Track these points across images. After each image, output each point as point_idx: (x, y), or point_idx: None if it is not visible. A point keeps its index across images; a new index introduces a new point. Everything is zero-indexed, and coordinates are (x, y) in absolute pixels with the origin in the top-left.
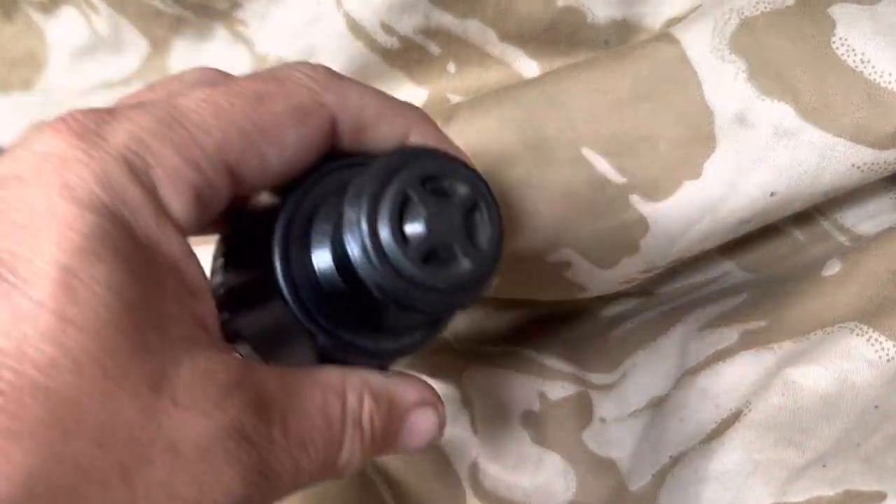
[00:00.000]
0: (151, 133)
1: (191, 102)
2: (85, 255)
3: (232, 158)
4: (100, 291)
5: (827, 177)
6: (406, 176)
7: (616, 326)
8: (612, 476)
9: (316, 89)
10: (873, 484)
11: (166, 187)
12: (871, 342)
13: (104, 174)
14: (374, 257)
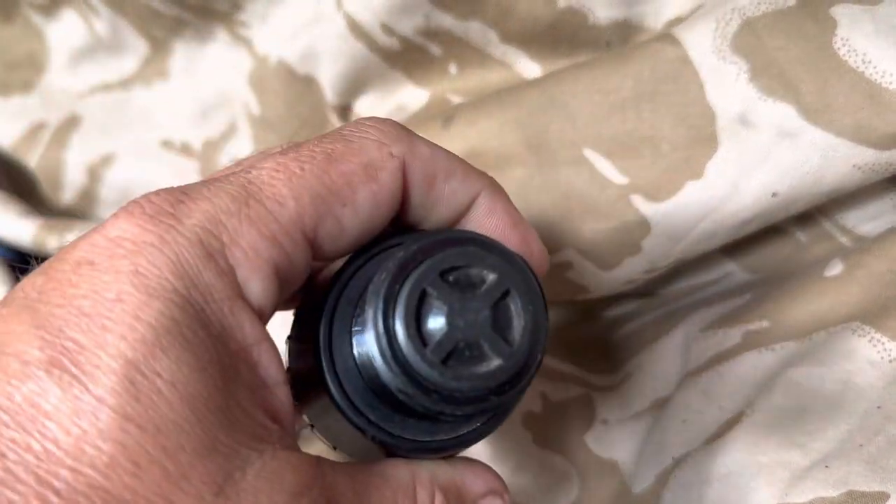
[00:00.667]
0: (227, 212)
1: (263, 174)
2: (150, 348)
3: (308, 227)
4: (164, 388)
5: (829, 177)
6: (425, 268)
7: (618, 327)
8: (615, 478)
9: (384, 141)
10: (876, 485)
11: (244, 268)
12: (873, 343)
13: (178, 259)
14: (391, 360)
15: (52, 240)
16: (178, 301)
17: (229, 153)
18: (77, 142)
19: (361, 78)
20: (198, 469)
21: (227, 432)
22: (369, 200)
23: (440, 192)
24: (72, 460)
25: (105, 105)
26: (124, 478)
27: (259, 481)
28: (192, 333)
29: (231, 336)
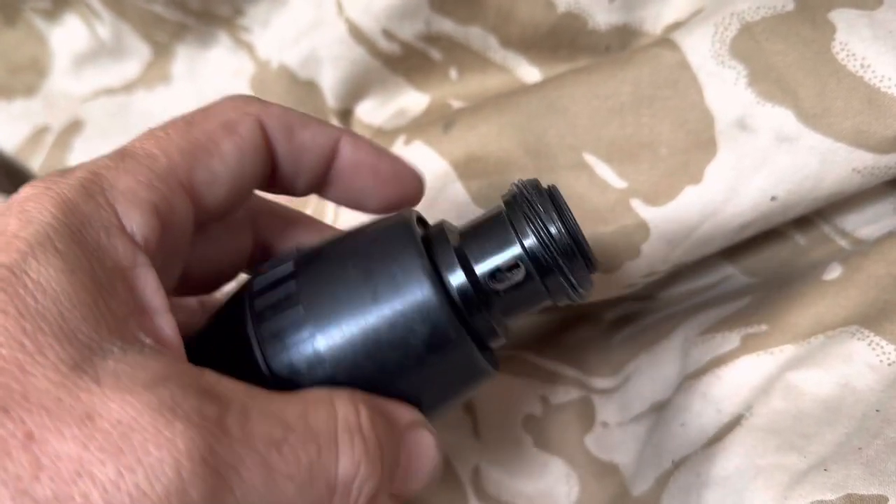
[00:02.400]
0: (105, 167)
1: (135, 142)
2: (22, 255)
3: (183, 177)
4: (29, 283)
5: (828, 181)
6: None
7: (618, 331)
8: (615, 480)
9: (239, 104)
10: (875, 488)
11: (122, 204)
12: (872, 346)
13: (59, 197)
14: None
15: None
16: (54, 223)
17: None
18: (80, 146)
19: (362, 83)
20: (55, 348)
21: (90, 325)
22: (234, 150)
23: (301, 139)
24: None
25: (108, 109)
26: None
27: (119, 365)
28: (63, 246)
29: (106, 255)
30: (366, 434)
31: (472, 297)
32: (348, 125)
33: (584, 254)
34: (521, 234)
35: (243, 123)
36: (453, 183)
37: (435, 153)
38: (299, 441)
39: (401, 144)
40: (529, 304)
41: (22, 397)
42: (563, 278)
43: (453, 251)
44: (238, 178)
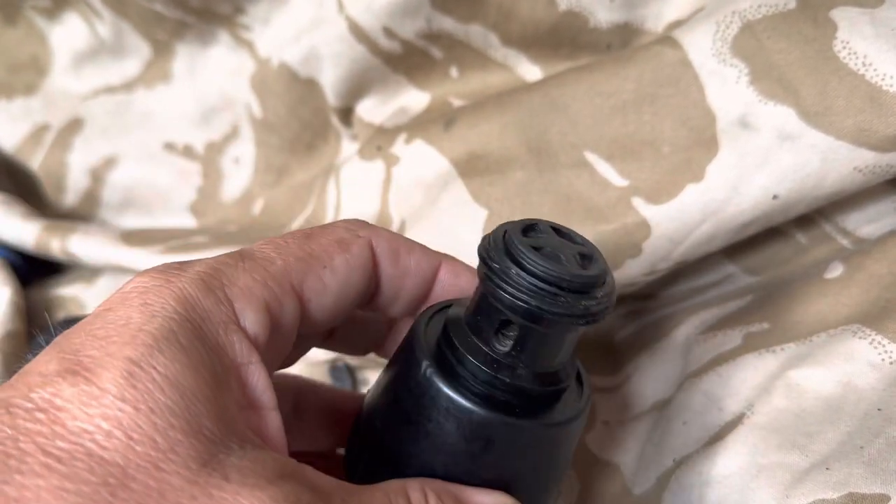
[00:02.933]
0: (224, 264)
1: (255, 246)
2: (149, 349)
3: (294, 279)
4: (158, 378)
5: (829, 180)
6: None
7: (619, 329)
8: (616, 479)
9: (352, 227)
10: (877, 487)
11: (240, 301)
12: (873, 345)
13: (180, 292)
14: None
15: (55, 242)
16: (178, 318)
17: (231, 155)
18: (80, 144)
19: (363, 81)
20: (184, 445)
21: (213, 422)
22: (344, 265)
23: (406, 262)
24: (74, 437)
25: (108, 107)
26: (118, 448)
27: (243, 462)
28: (187, 342)
29: (224, 352)
30: None
31: (499, 380)
32: (349, 123)
33: (570, 284)
34: (495, 297)
35: (356, 243)
36: (454, 181)
37: (436, 151)
38: None
39: (401, 143)
40: (562, 343)
41: (159, 495)
42: (561, 318)
43: (452, 339)
44: (344, 292)
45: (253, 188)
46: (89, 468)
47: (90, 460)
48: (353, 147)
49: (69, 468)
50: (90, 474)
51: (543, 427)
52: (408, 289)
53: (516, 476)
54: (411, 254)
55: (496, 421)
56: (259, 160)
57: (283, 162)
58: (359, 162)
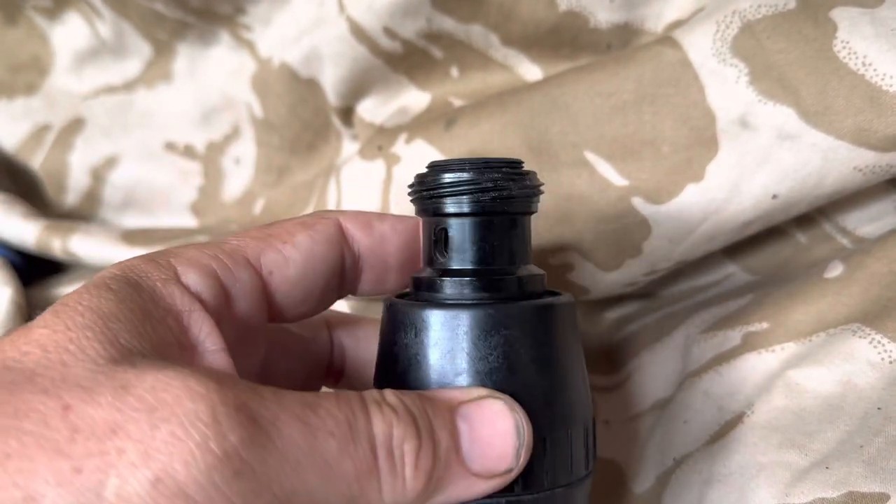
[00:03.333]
0: (178, 247)
1: (212, 236)
2: (77, 293)
3: (250, 253)
4: (80, 309)
5: (829, 179)
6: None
7: (619, 329)
8: (616, 478)
9: (318, 213)
10: (876, 486)
11: (182, 264)
12: (873, 344)
13: (125, 263)
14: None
15: (56, 241)
16: (109, 275)
17: (232, 155)
18: (81, 144)
19: (364, 81)
20: (95, 348)
21: (133, 336)
22: (307, 239)
23: (380, 228)
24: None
25: (108, 107)
26: (32, 359)
27: (157, 361)
28: (116, 286)
29: (160, 297)
30: (391, 401)
31: (424, 283)
32: (350, 123)
33: (487, 165)
34: (429, 210)
35: (320, 223)
36: None
37: (436, 151)
38: (333, 404)
39: (402, 142)
40: (511, 234)
41: (61, 381)
42: (486, 194)
43: (415, 276)
44: (310, 263)
45: (254, 188)
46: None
47: (4, 371)
48: (354, 147)
49: None
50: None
51: (519, 309)
52: (392, 254)
53: (515, 374)
54: (384, 220)
55: (431, 312)
56: (260, 160)
57: (283, 162)
58: (359, 162)
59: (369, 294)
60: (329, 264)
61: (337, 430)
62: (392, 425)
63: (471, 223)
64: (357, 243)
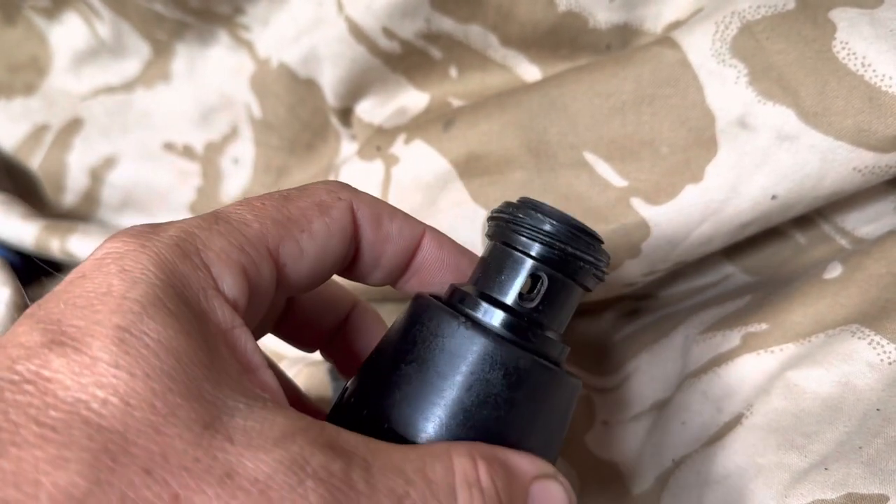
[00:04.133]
0: (198, 227)
1: (229, 208)
2: (137, 315)
3: (271, 243)
4: (151, 343)
5: (828, 180)
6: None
7: (618, 329)
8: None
9: (333, 189)
10: (875, 487)
11: (216, 266)
12: (872, 345)
13: (157, 257)
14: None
15: (55, 242)
16: (160, 284)
17: (231, 155)
18: (79, 144)
19: (362, 81)
20: (185, 408)
21: (213, 385)
22: (323, 229)
23: (388, 228)
24: (69, 406)
25: (107, 107)
26: (116, 414)
27: (248, 422)
28: (174, 307)
29: (209, 318)
30: (484, 486)
31: (519, 326)
32: (348, 123)
33: (585, 231)
34: (524, 247)
35: (336, 207)
36: (454, 182)
37: (435, 152)
38: (419, 495)
39: (401, 143)
40: (568, 303)
41: (162, 459)
42: (582, 262)
43: (478, 299)
44: (322, 257)
45: (252, 188)
46: (88, 436)
47: (88, 428)
48: (353, 147)
49: (66, 437)
50: (89, 441)
51: (561, 375)
52: (389, 255)
53: (531, 429)
54: (394, 220)
55: (519, 355)
56: (258, 160)
57: (282, 162)
58: (358, 162)
59: (350, 280)
60: (337, 255)
61: None
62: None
63: (559, 281)
64: (362, 235)
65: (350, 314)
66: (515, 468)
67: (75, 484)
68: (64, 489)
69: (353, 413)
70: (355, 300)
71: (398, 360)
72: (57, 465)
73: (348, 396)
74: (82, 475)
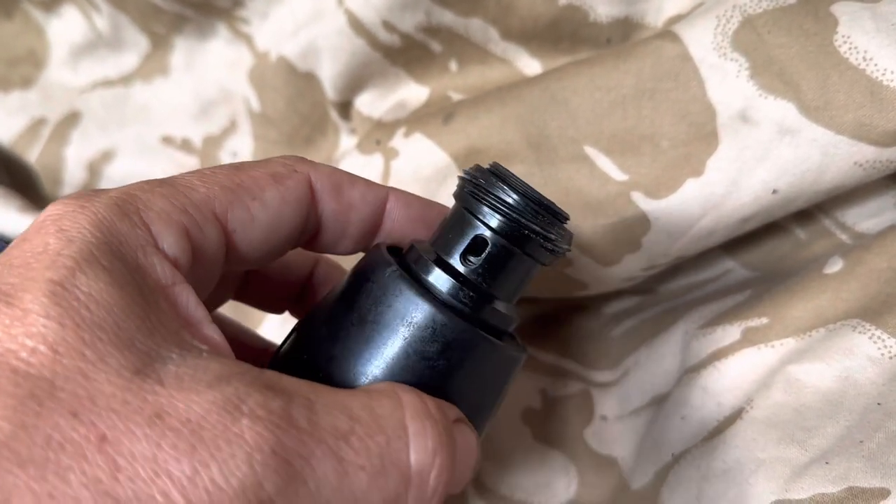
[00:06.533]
0: (140, 189)
1: (177, 175)
2: (71, 271)
3: (218, 207)
4: (82, 296)
5: (829, 174)
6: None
7: (618, 324)
8: (614, 474)
9: (289, 163)
10: (876, 481)
11: (156, 224)
12: (873, 339)
13: (95, 215)
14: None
15: None
16: (96, 242)
17: (229, 149)
18: (77, 138)
19: (362, 75)
20: (115, 356)
21: (145, 335)
22: (277, 198)
23: (350, 195)
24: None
25: (105, 101)
26: (44, 362)
27: (181, 368)
28: (108, 263)
29: (147, 273)
30: (437, 419)
31: (465, 293)
32: (347, 117)
33: (547, 208)
34: (479, 213)
35: (291, 178)
36: (454, 175)
37: (435, 145)
38: (366, 431)
39: (400, 136)
40: (521, 276)
41: (90, 402)
42: (537, 237)
43: (428, 261)
44: (276, 226)
45: None
46: (14, 382)
47: (15, 376)
48: (352, 141)
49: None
50: (15, 388)
51: (505, 351)
52: (354, 223)
53: (462, 394)
54: (354, 186)
55: (459, 326)
56: (257, 154)
57: None
58: (357, 156)
59: (318, 252)
60: (293, 226)
61: (369, 464)
62: (434, 455)
63: (507, 251)
64: (323, 206)
65: (313, 271)
66: (445, 408)
67: (0, 428)
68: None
69: (292, 359)
70: (317, 257)
71: (342, 312)
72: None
73: (289, 344)
74: (7, 419)
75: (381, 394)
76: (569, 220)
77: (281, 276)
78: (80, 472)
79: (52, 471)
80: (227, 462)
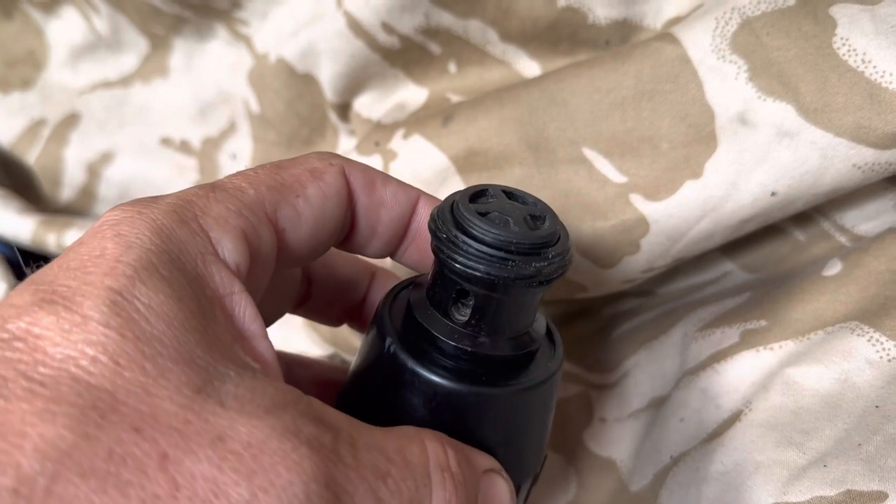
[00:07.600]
0: (196, 195)
1: (224, 179)
2: (130, 279)
3: (268, 208)
4: (142, 308)
5: (828, 177)
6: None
7: (617, 326)
8: (613, 476)
9: (324, 157)
10: (874, 484)
11: (215, 230)
12: (871, 342)
13: (154, 223)
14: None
15: (51, 237)
16: (155, 250)
17: (228, 151)
18: (76, 139)
19: (361, 76)
20: (175, 372)
21: (203, 350)
22: (318, 194)
23: (382, 194)
24: (57, 363)
25: (104, 102)
26: (105, 373)
27: (239, 389)
28: (167, 272)
29: (205, 283)
30: (454, 472)
31: (463, 350)
32: (346, 119)
33: (520, 245)
34: (451, 271)
35: (329, 171)
36: (453, 177)
37: (434, 147)
38: (400, 474)
39: (399, 138)
40: (522, 307)
41: (152, 418)
42: (516, 280)
43: (422, 324)
44: (320, 221)
45: None
46: (76, 392)
47: (76, 385)
48: (351, 142)
49: (54, 392)
50: (77, 397)
51: (512, 392)
52: (384, 222)
53: (492, 442)
54: (387, 185)
55: (462, 391)
56: (256, 155)
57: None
58: (356, 157)
59: (349, 252)
60: (335, 220)
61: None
62: (450, 501)
63: (493, 298)
64: (356, 201)
65: (371, 284)
66: (471, 458)
67: (62, 437)
68: (50, 441)
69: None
70: (374, 269)
71: (360, 388)
72: (44, 419)
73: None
74: (69, 429)
75: (410, 439)
76: (555, 240)
77: (342, 290)
78: (140, 487)
79: (112, 484)
80: (286, 489)
